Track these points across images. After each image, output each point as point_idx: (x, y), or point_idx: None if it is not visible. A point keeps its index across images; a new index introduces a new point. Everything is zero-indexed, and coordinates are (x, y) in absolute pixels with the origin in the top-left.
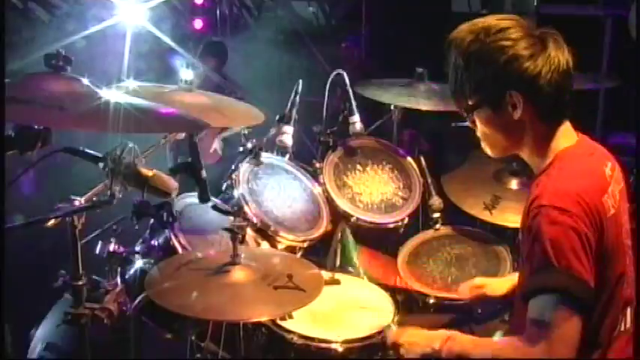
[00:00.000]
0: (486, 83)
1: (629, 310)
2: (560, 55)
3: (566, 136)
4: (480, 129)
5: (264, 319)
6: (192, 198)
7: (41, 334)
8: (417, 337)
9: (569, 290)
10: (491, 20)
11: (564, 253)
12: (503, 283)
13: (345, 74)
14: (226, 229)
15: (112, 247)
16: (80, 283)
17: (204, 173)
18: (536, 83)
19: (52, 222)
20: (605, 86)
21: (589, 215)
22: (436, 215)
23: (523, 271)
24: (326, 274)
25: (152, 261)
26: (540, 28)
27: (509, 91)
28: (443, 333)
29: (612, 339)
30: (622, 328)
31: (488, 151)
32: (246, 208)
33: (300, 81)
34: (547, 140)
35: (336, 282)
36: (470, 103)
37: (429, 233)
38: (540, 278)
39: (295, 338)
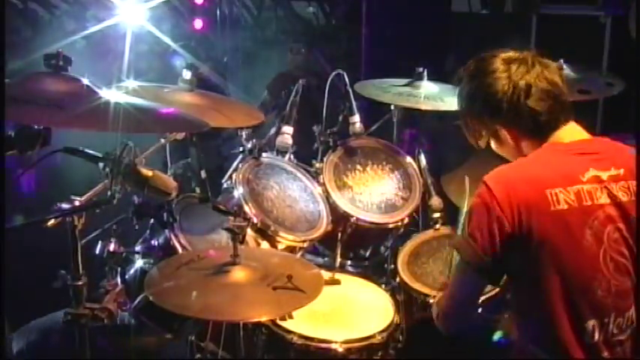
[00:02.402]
0: (479, 122)
1: (612, 319)
2: (535, 82)
3: (561, 137)
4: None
5: (263, 319)
6: (192, 198)
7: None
8: None
9: (462, 254)
10: (480, 62)
11: (472, 223)
12: None
13: (345, 74)
14: (226, 229)
15: (112, 247)
16: (80, 283)
17: (204, 173)
18: (514, 115)
19: (52, 222)
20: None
21: (513, 201)
22: (436, 215)
23: None
24: (326, 274)
25: (152, 261)
26: (526, 54)
27: (495, 126)
28: None
29: (586, 346)
30: (602, 337)
31: None
32: (246, 208)
33: (300, 81)
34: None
35: (336, 282)
36: (478, 134)
37: (429, 233)
38: (457, 240)
39: (295, 338)
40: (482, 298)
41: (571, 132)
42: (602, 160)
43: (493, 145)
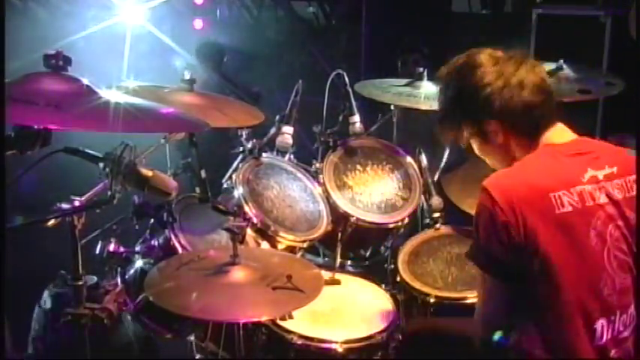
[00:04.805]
0: (467, 118)
1: (618, 317)
2: (527, 76)
3: (552, 138)
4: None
5: (263, 319)
6: (192, 198)
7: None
8: None
9: (485, 266)
10: (466, 58)
11: (480, 232)
12: None
13: (345, 74)
14: (226, 229)
15: (112, 247)
16: (80, 283)
17: (204, 173)
18: (507, 108)
19: (52, 222)
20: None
21: (516, 207)
22: (436, 215)
23: None
24: (326, 274)
25: (152, 261)
26: (513, 52)
27: (484, 121)
28: None
29: (594, 347)
30: (609, 336)
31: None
32: (246, 208)
33: (300, 81)
34: (532, 148)
35: (336, 282)
36: (461, 134)
37: (429, 233)
38: (471, 250)
39: (295, 338)
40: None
41: (560, 133)
42: (596, 159)
43: (476, 145)
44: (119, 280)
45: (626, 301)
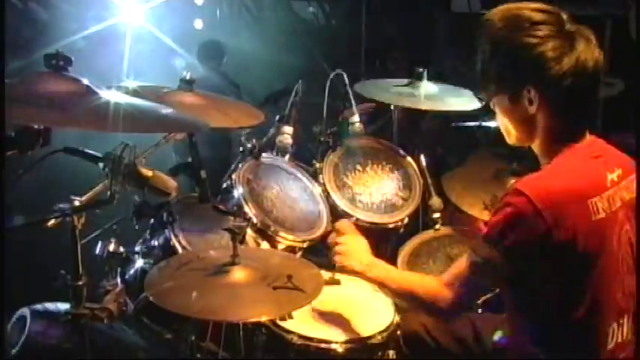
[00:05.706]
0: (507, 74)
1: (625, 321)
2: (588, 58)
3: (578, 137)
4: (498, 115)
5: (263, 319)
6: (192, 198)
7: None
8: (353, 256)
9: (495, 265)
10: (527, 10)
11: (518, 237)
12: None
13: (344, 74)
14: (226, 229)
15: (112, 247)
16: (80, 283)
17: (204, 173)
18: (558, 86)
19: (52, 222)
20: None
21: (558, 216)
22: (436, 215)
23: None
24: (326, 274)
25: (152, 261)
26: (574, 23)
27: (527, 87)
28: (373, 261)
29: (607, 351)
30: (619, 339)
31: (506, 138)
32: (246, 208)
33: (300, 81)
34: (559, 140)
35: (336, 282)
36: (491, 87)
37: (429, 233)
38: (480, 243)
39: (295, 338)
40: (482, 298)
41: (583, 133)
42: (607, 162)
43: (500, 107)
44: (119, 280)
45: (632, 303)
